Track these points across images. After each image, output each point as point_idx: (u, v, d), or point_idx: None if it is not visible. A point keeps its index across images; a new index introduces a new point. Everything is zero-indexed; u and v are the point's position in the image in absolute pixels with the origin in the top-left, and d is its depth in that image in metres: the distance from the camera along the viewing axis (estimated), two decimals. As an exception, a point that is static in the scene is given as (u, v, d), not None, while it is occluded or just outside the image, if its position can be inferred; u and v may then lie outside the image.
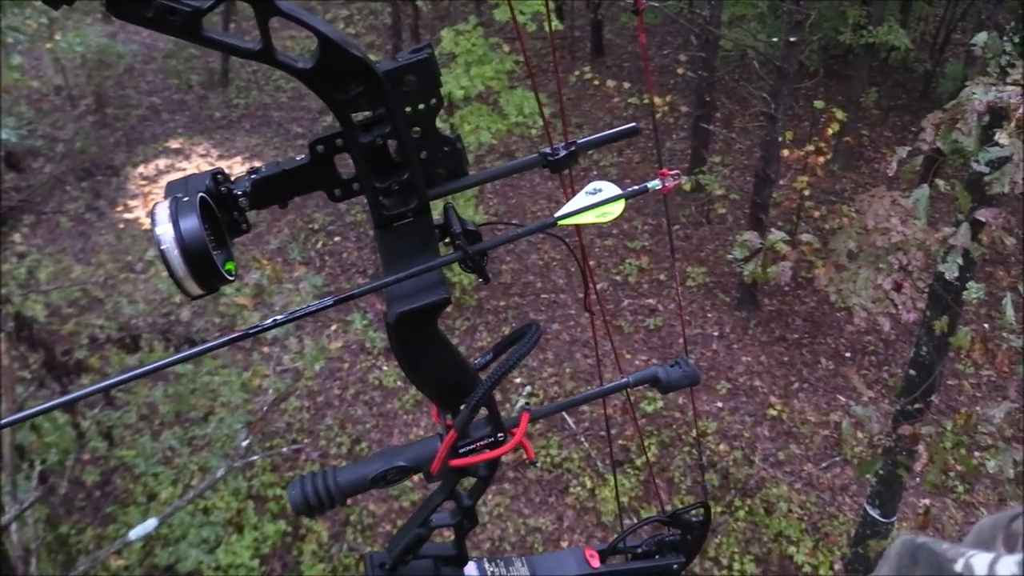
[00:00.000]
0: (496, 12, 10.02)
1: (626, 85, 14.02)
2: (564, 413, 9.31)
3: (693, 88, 13.52)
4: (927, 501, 8.02)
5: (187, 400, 7.79)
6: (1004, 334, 4.49)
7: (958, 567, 0.52)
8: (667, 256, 11.87)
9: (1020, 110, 3.74)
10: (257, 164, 0.94)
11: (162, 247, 0.77)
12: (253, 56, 0.76)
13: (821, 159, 9.92)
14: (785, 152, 9.96)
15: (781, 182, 11.37)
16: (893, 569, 0.60)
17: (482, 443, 1.09)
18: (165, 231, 0.78)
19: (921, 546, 0.58)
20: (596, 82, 14.37)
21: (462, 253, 0.96)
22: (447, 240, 0.98)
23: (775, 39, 13.35)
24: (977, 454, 6.75)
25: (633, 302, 11.08)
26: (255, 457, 8.17)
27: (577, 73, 14.91)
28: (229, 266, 0.84)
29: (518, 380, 9.83)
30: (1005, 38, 4.56)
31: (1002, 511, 0.60)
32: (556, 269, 11.62)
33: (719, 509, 8.36)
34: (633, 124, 1.03)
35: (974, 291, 4.55)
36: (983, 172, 4.46)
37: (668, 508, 1.36)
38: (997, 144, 3.94)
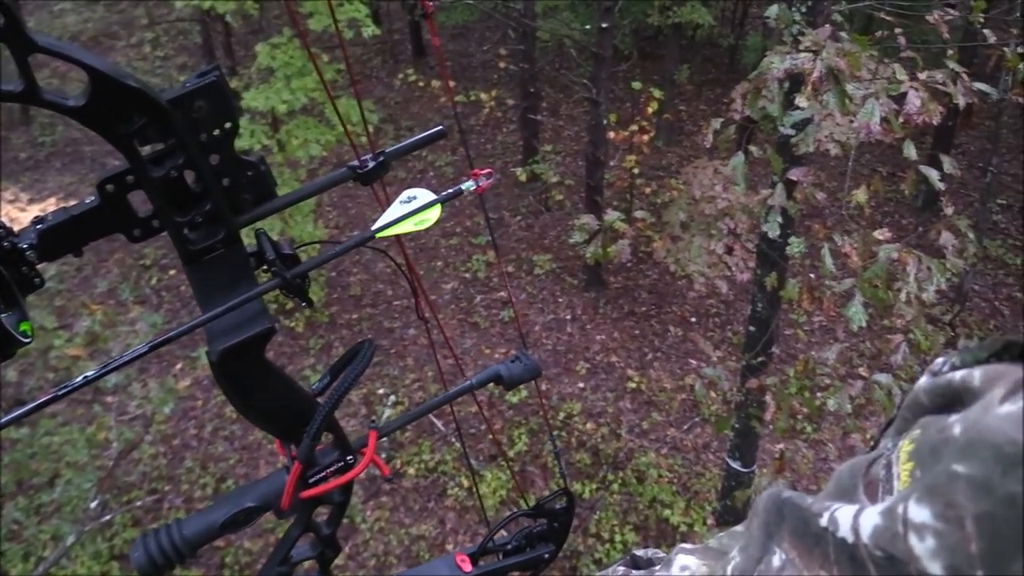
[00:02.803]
0: (310, 22, 9.81)
1: (452, 84, 14.09)
2: (431, 416, 9.28)
3: (517, 81, 13.76)
4: (781, 446, 8.47)
5: (27, 466, 7.21)
6: (827, 281, 4.83)
7: (823, 522, 0.51)
8: (513, 248, 12.05)
9: (814, 74, 4.03)
10: (72, 202, 0.87)
11: None
12: (14, 98, 0.69)
13: (645, 137, 10.34)
14: (611, 134, 10.30)
15: (611, 163, 11.77)
16: (761, 526, 0.59)
17: (331, 469, 1.05)
18: None
19: (786, 501, 0.57)
20: (421, 83, 14.36)
21: (280, 279, 0.92)
22: (264, 267, 0.94)
23: (588, 27, 13.78)
24: (819, 395, 7.24)
25: (485, 297, 11.18)
26: (111, 515, 7.67)
27: (401, 76, 14.85)
28: (24, 327, 0.77)
29: (381, 391, 9.72)
30: (794, 8, 4.89)
31: (858, 456, 0.59)
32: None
33: (594, 486, 8.58)
34: (440, 127, 1.03)
35: (796, 246, 4.86)
36: (790, 134, 4.77)
37: (535, 497, 1.37)
38: (798, 107, 4.22)
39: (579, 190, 12.56)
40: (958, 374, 0.49)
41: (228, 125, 0.84)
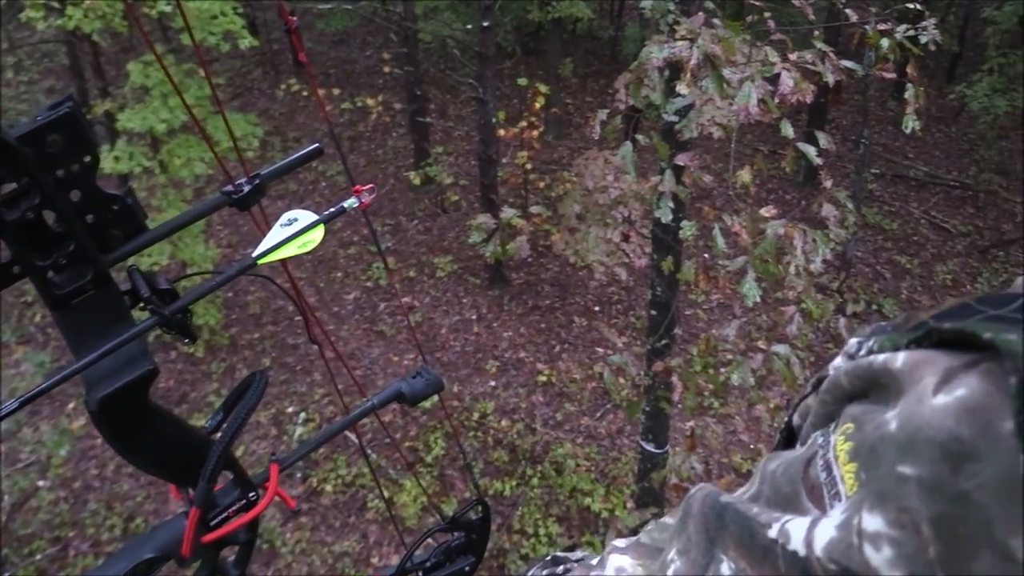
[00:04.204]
0: (183, 37, 9.49)
1: (336, 91, 13.88)
2: (347, 430, 9.12)
3: (402, 84, 13.66)
4: (691, 423, 8.69)
5: (-88, 528, 6.77)
6: (720, 261, 4.97)
7: (772, 533, 0.47)
8: (412, 252, 11.97)
9: (691, 61, 4.14)
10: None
11: None
12: None
13: (535, 133, 10.43)
14: (501, 132, 10.35)
15: (504, 161, 11.82)
16: (700, 529, 0.56)
17: (234, 508, 1.01)
18: None
19: (727, 507, 0.54)
20: (305, 93, 14.09)
21: (159, 316, 0.87)
22: (141, 305, 0.89)
23: (469, 26, 13.80)
24: (722, 371, 7.47)
25: (389, 304, 11.07)
26: (11, 571, 7.25)
27: (283, 87, 14.55)
28: None
29: (291, 409, 9.50)
30: (667, -2, 5.00)
31: (787, 454, 0.57)
32: (305, 288, 11.33)
33: (514, 482, 8.62)
34: (316, 145, 1.00)
35: (688, 229, 4.98)
36: (673, 121, 4.88)
37: (448, 513, 1.36)
38: (679, 94, 4.33)
39: (474, 190, 12.58)
40: (879, 357, 0.47)
41: (88, 158, 0.78)
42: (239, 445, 8.91)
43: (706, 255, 10.48)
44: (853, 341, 0.53)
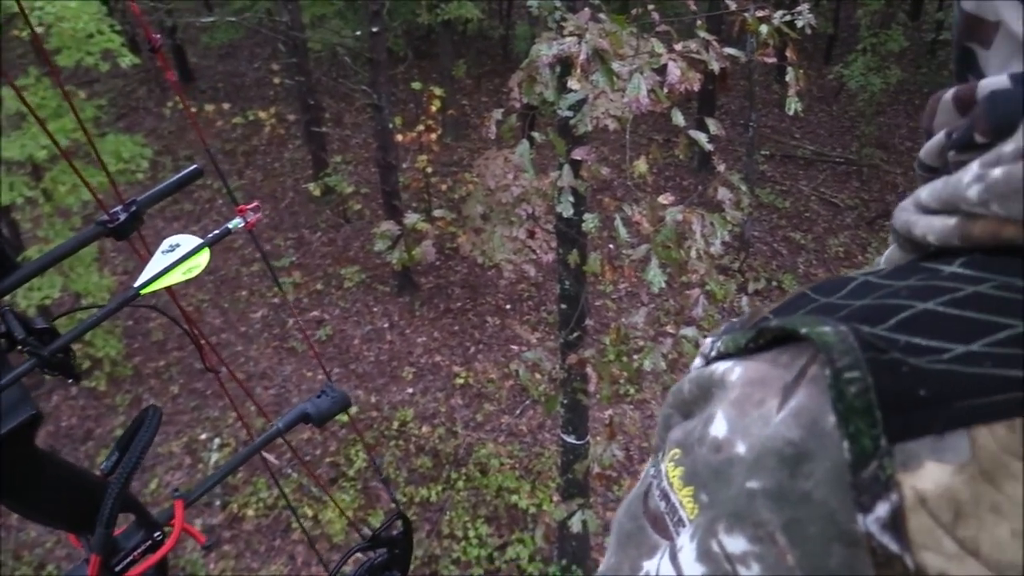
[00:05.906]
0: (59, 58, 9.07)
1: (226, 106, 13.52)
2: (263, 451, 8.90)
3: (295, 95, 13.43)
4: (609, 412, 8.87)
5: None
6: (624, 250, 5.06)
7: None
8: (318, 264, 11.78)
9: (581, 57, 4.19)
10: None
11: None
12: None
13: (433, 136, 10.41)
14: (399, 137, 10.29)
15: (404, 166, 11.76)
16: None
17: (139, 550, 0.97)
18: None
19: None
20: (193, 109, 13.68)
21: (38, 358, 0.83)
22: (19, 348, 0.85)
23: (359, 32, 13.65)
24: (635, 358, 7.60)
25: (298, 320, 10.87)
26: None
27: (170, 104, 14.11)
28: None
29: (204, 436, 9.22)
30: (552, -5, 5.05)
31: (627, 497, 0.56)
32: (209, 311, 11.01)
33: (440, 487, 8.58)
34: (195, 167, 0.98)
35: (590, 222, 5.04)
36: (568, 116, 4.94)
37: (366, 532, 1.35)
38: (571, 90, 4.38)
39: (376, 197, 12.46)
40: (719, 368, 0.48)
41: None
42: (152, 479, 8.60)
43: (610, 246, 10.65)
44: (707, 341, 0.53)
